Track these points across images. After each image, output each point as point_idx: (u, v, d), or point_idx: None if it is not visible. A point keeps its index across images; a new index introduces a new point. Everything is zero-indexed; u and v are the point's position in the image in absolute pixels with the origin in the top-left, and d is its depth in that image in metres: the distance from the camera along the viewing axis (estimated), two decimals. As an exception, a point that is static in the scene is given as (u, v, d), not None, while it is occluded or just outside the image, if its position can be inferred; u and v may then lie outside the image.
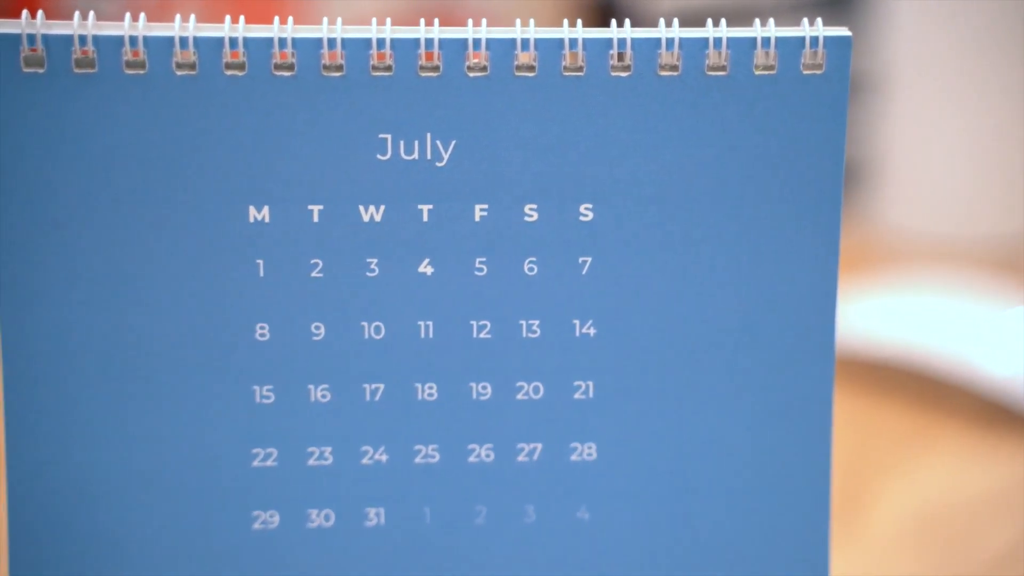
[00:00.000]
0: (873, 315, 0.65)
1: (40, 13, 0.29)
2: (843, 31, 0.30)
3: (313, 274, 0.31)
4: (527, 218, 0.31)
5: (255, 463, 0.32)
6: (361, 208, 0.31)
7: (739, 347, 0.32)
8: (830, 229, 0.31)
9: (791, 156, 0.31)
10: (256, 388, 0.31)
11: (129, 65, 0.29)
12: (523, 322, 0.32)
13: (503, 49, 0.30)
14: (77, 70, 0.29)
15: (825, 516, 0.33)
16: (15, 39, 0.29)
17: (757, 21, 0.30)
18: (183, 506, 0.32)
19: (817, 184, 0.31)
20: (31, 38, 0.29)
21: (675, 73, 0.30)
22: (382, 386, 0.32)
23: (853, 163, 0.82)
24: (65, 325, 0.31)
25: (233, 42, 0.29)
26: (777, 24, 0.30)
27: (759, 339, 0.32)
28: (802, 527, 0.33)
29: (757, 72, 0.30)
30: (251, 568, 0.32)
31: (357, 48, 0.29)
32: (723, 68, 0.30)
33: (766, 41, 0.30)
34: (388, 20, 0.30)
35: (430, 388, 0.32)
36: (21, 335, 0.30)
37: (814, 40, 0.30)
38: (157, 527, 0.32)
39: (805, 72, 0.30)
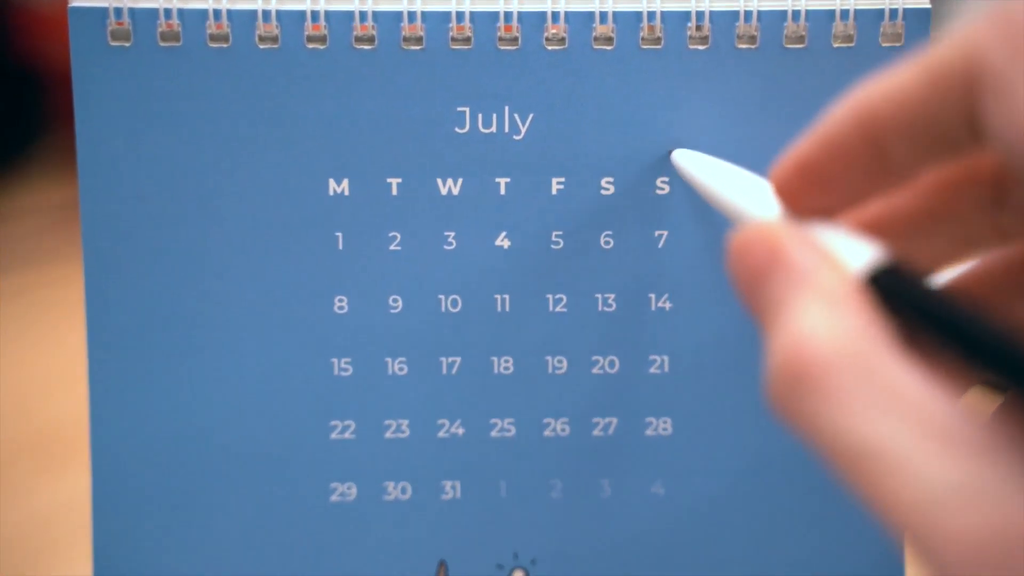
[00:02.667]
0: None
1: (126, -13, 0.29)
2: (923, 2, 0.30)
3: (391, 247, 0.31)
4: (604, 191, 0.31)
5: (333, 435, 0.32)
6: (439, 181, 0.31)
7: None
8: None
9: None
10: (335, 360, 0.32)
11: (213, 38, 0.30)
12: (599, 296, 0.32)
13: (581, 21, 0.30)
14: (162, 43, 0.29)
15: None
16: (102, 13, 0.29)
17: (836, -7, 0.30)
18: (262, 478, 0.32)
19: None
20: (118, 12, 0.29)
21: (753, 45, 0.30)
22: (459, 359, 0.32)
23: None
24: (148, 297, 0.31)
25: (315, 15, 0.30)
26: (857, -4, 0.30)
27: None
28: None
29: (835, 44, 0.30)
30: (329, 539, 0.33)
31: (436, 21, 0.30)
32: (801, 40, 0.30)
33: (845, 13, 0.30)
34: (467, -7, 0.30)
35: (506, 361, 0.32)
36: (105, 306, 0.31)
37: (893, 12, 0.30)
38: (237, 498, 0.32)
39: (884, 44, 0.30)
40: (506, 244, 0.31)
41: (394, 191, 0.31)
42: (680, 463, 0.32)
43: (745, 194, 0.23)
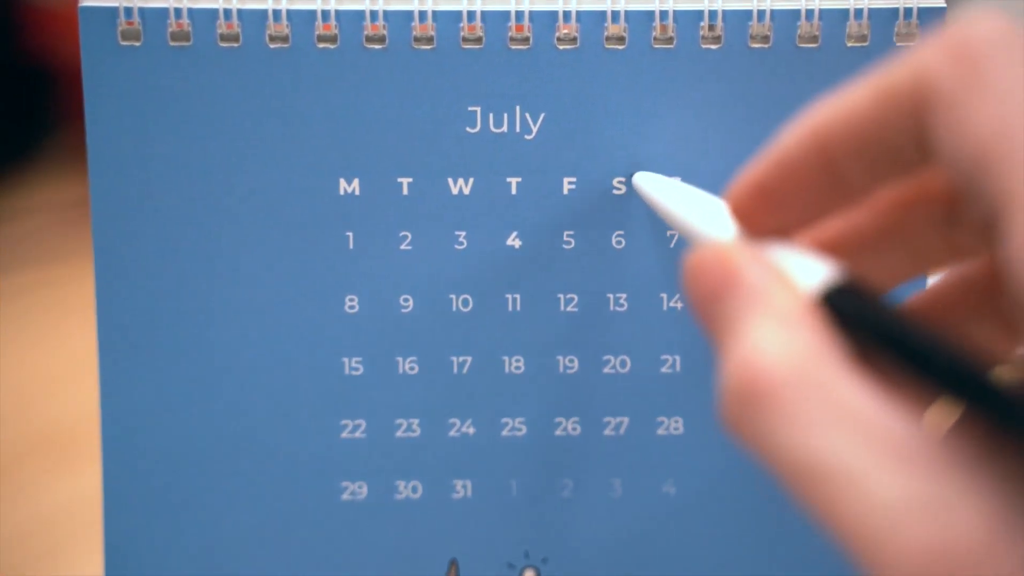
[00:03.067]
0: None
1: (137, -13, 0.29)
2: (938, 1, 0.30)
3: (402, 246, 0.31)
4: (615, 191, 0.31)
5: (344, 434, 0.32)
6: (450, 181, 0.31)
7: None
8: None
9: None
10: (345, 360, 0.32)
11: (223, 38, 0.30)
12: (610, 295, 0.32)
13: (593, 21, 0.30)
14: (172, 43, 0.29)
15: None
16: (112, 12, 0.29)
17: (849, -8, 0.30)
18: (273, 476, 0.32)
19: None
20: (128, 11, 0.29)
21: (766, 45, 0.30)
22: (469, 359, 0.32)
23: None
24: (158, 295, 0.31)
25: (325, 14, 0.29)
26: (869, -5, 0.30)
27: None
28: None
29: (849, 44, 0.30)
30: (340, 538, 0.33)
31: (447, 20, 0.30)
32: (815, 39, 0.30)
33: (859, 12, 0.30)
34: (478, -8, 0.30)
35: (517, 361, 0.32)
36: (116, 304, 0.31)
37: (908, 11, 0.30)
38: (247, 497, 0.32)
39: (898, 43, 0.30)
40: (517, 244, 0.31)
41: (405, 191, 0.31)
42: (691, 462, 0.32)
43: (701, 215, 0.23)
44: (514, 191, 0.31)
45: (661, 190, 0.28)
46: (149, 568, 0.32)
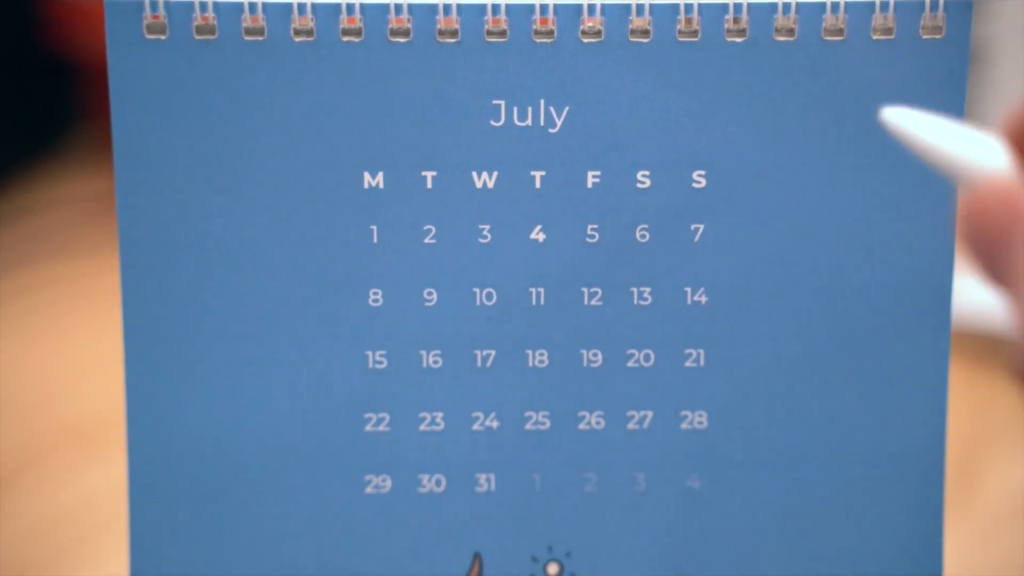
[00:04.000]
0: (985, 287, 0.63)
1: (162, -19, 0.30)
2: (964, -6, 0.30)
3: (426, 240, 0.31)
4: (639, 185, 0.31)
5: (368, 428, 0.32)
6: (474, 174, 0.31)
7: (853, 316, 0.32)
8: (947, 199, 0.31)
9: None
10: (369, 353, 0.32)
11: (248, 32, 0.30)
12: (634, 289, 0.32)
13: (617, 14, 0.30)
14: (198, 37, 0.30)
15: (939, 489, 0.32)
16: (138, 6, 0.29)
17: (875, -15, 0.30)
18: (298, 469, 0.32)
19: None
20: (153, 5, 0.29)
21: (791, 38, 0.30)
22: (493, 352, 0.32)
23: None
24: (184, 289, 0.31)
25: (350, 8, 0.29)
26: (896, -12, 0.30)
27: (874, 309, 0.32)
28: (915, 499, 0.33)
29: (875, 37, 0.30)
30: (364, 531, 0.33)
31: (472, 14, 0.30)
32: (840, 32, 0.30)
33: (885, 5, 0.30)
34: (503, -14, 0.30)
35: (541, 355, 0.32)
36: (141, 298, 0.31)
37: (934, 4, 0.30)
38: (272, 490, 0.32)
39: (924, 37, 0.30)
40: (541, 238, 0.31)
41: (429, 184, 0.31)
42: (715, 457, 0.32)
43: (972, 150, 0.22)
44: (538, 185, 0.31)
45: (920, 126, 0.26)
46: (174, 559, 0.32)
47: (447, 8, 0.30)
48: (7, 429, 0.61)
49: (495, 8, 0.30)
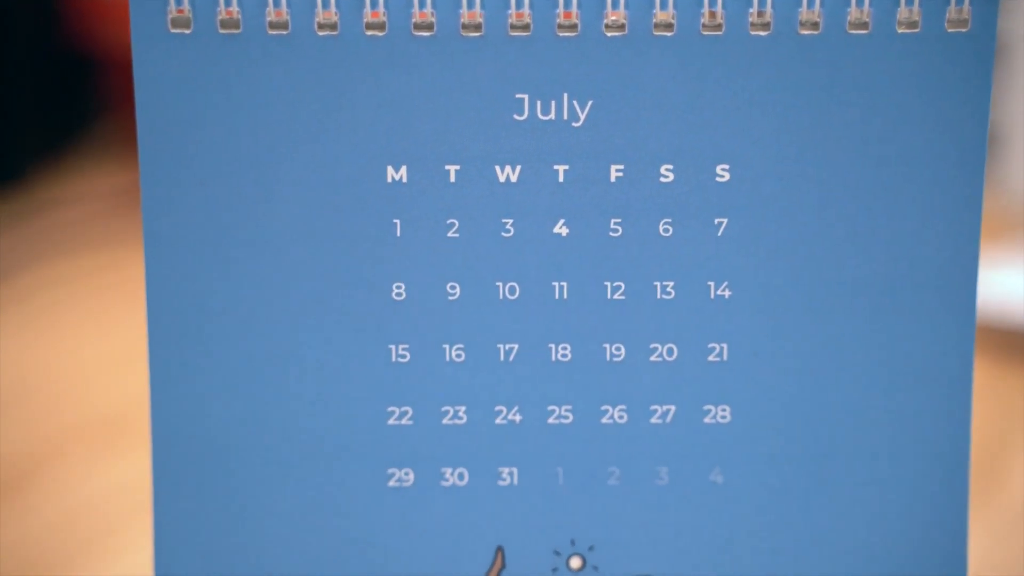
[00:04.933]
0: (1011, 282, 0.63)
1: (187, -25, 0.30)
2: (990, -13, 0.30)
3: (449, 234, 0.31)
4: (663, 179, 0.31)
5: (391, 421, 0.32)
6: (497, 168, 0.31)
7: (877, 311, 0.32)
8: (973, 194, 0.31)
9: (934, 118, 0.30)
10: (392, 347, 0.32)
11: (272, 26, 0.30)
12: (657, 283, 0.32)
13: (641, 8, 0.30)
14: (222, 31, 0.30)
15: (964, 483, 0.32)
16: (163, 0, 0.29)
17: (900, -22, 0.30)
18: (320, 463, 0.32)
19: (960, 148, 0.31)
20: (178, -1, 0.29)
21: (815, 31, 0.30)
22: (516, 346, 0.32)
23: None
24: (207, 282, 0.31)
25: (374, 2, 0.30)
26: (921, -19, 0.30)
27: (898, 303, 0.31)
28: (940, 494, 0.33)
29: (900, 30, 0.30)
30: (386, 525, 0.33)
31: (495, 8, 0.30)
32: (865, 26, 0.30)
33: (910, -2, 0.29)
34: (527, -20, 0.30)
35: (564, 349, 0.32)
36: (165, 291, 0.31)
37: (960, -4, 0.29)
38: (295, 482, 0.32)
39: (949, 30, 0.30)
40: (564, 231, 0.31)
41: (452, 178, 0.31)
42: (739, 451, 0.32)
43: None
44: (561, 179, 0.31)
45: None
46: (198, 551, 0.32)
47: (471, 2, 0.30)
48: (31, 422, 0.62)
49: (519, 2, 0.30)
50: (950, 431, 0.32)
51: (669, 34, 0.30)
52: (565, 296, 0.32)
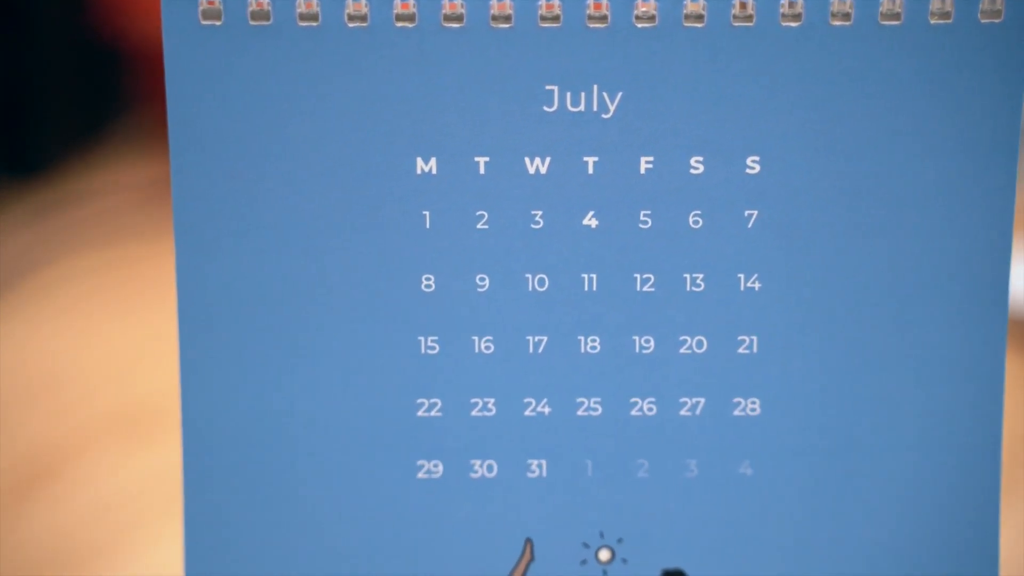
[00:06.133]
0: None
1: (217, -33, 0.30)
2: (1024, -22, 0.29)
3: (478, 226, 0.31)
4: (693, 171, 0.31)
5: (420, 413, 0.32)
6: (527, 160, 0.31)
7: (908, 303, 0.31)
8: (1005, 185, 0.31)
9: (966, 110, 0.30)
10: (421, 339, 0.32)
11: (303, 17, 0.30)
12: (687, 276, 0.31)
13: (672, -1, 0.30)
14: (252, 22, 0.30)
15: (996, 478, 0.32)
16: (193, -8, 0.29)
17: (933, -32, 0.29)
18: (350, 454, 0.32)
19: (992, 139, 0.30)
20: (209, -9, 0.29)
21: (847, 22, 0.30)
22: (545, 338, 0.32)
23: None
24: (238, 273, 0.31)
25: (404, -7, 0.30)
26: (954, -29, 0.29)
27: (929, 296, 0.31)
28: (971, 488, 0.32)
29: (932, 20, 0.29)
30: (415, 516, 0.33)
31: (526, -1, 0.30)
32: (897, 16, 0.29)
33: (942, -12, 0.29)
34: (557, -29, 0.30)
35: (593, 341, 0.32)
36: (196, 283, 0.31)
37: (993, -13, 0.29)
38: (325, 474, 0.32)
39: (983, 20, 0.29)
40: (593, 223, 0.31)
41: (481, 170, 0.31)
42: (768, 444, 0.32)
43: None
44: (591, 170, 0.31)
45: None
46: (229, 542, 0.33)
47: (501, -7, 0.30)
48: (62, 413, 0.62)
49: (549, -7, 0.30)
50: (982, 425, 0.32)
51: (699, 25, 0.30)
52: (594, 288, 0.32)
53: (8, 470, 0.57)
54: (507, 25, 0.30)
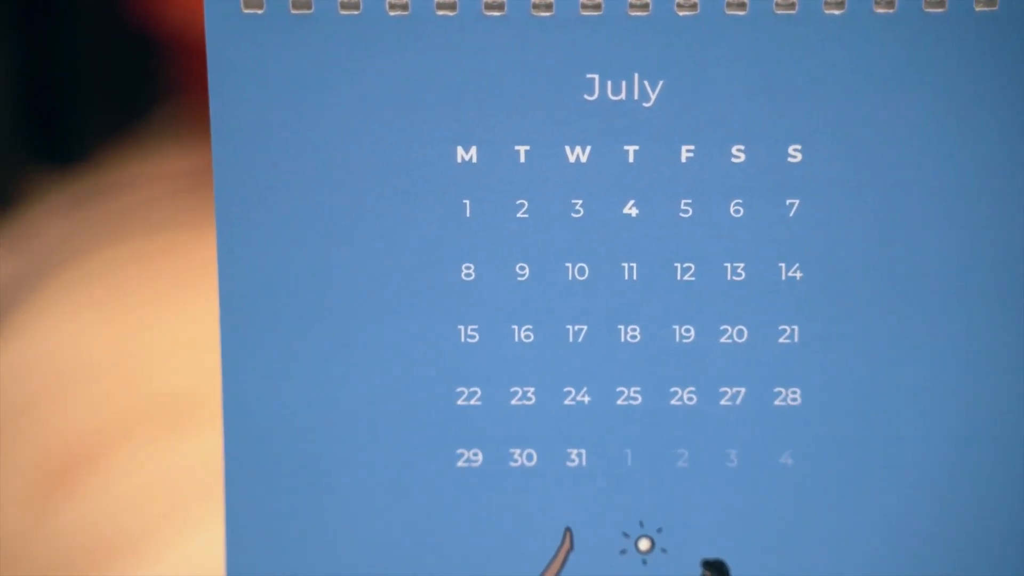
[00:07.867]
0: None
1: (259, -44, 0.30)
2: (1071, -36, 0.29)
3: (519, 214, 0.31)
4: (734, 159, 0.31)
5: (459, 401, 0.32)
6: (567, 148, 0.31)
7: (950, 294, 0.31)
8: None
9: (1012, 99, 0.30)
10: (461, 327, 0.32)
11: (344, 6, 0.30)
12: (728, 265, 0.31)
13: (714, -13, 0.29)
14: (294, 11, 0.30)
15: (1038, 468, 0.32)
16: (235, -19, 0.30)
17: (978, -45, 0.29)
18: (390, 443, 0.32)
19: None
20: (250, -20, 0.30)
21: (891, 10, 0.29)
22: (585, 327, 0.32)
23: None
24: (279, 263, 0.31)
25: (445, -18, 0.30)
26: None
27: (972, 286, 0.31)
28: (1013, 481, 0.32)
29: (977, 8, 0.29)
30: (455, 504, 0.33)
31: (567, -13, 0.30)
32: (942, 4, 0.29)
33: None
34: (598, -41, 0.30)
35: (633, 330, 0.32)
36: (237, 272, 0.31)
37: (1024, -26, 0.29)
38: (365, 463, 0.33)
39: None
40: (634, 212, 0.31)
41: (522, 159, 0.31)
42: (809, 434, 0.32)
43: None
44: (631, 159, 0.31)
45: None
46: (268, 530, 0.33)
47: (542, -19, 0.29)
48: (101, 401, 0.62)
49: (590, -19, 0.29)
50: (1020, 417, 0.32)
51: (741, 13, 0.30)
52: (635, 277, 0.32)
53: (47, 459, 0.58)
54: (548, 14, 0.30)
